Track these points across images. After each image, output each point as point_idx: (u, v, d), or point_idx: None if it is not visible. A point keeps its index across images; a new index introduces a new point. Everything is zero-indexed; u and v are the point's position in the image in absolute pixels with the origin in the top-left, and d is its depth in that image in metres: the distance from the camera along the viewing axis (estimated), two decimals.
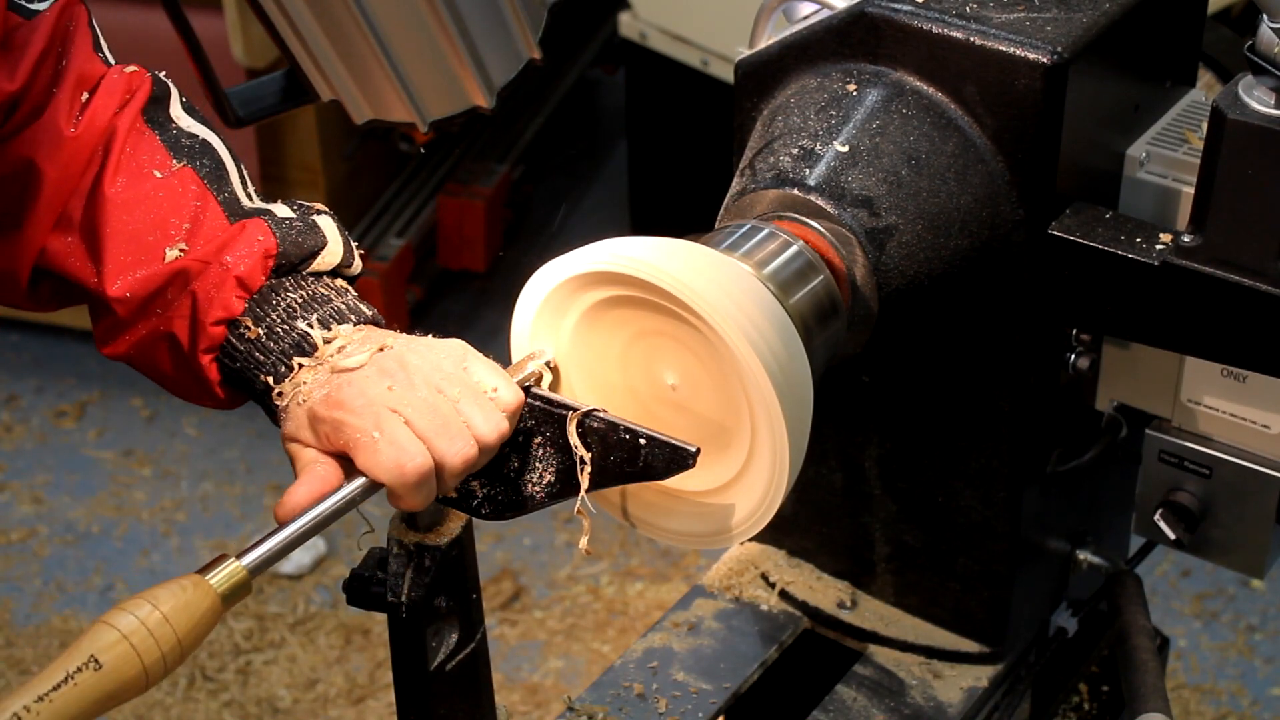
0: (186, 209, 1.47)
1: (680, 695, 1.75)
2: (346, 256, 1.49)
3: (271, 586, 3.54)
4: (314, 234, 1.47)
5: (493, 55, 1.20)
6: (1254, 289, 1.49)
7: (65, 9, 1.46)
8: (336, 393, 1.37)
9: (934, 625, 1.83)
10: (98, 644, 1.21)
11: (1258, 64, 1.44)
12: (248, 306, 1.44)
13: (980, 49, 1.52)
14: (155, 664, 1.22)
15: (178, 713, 3.28)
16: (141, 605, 1.23)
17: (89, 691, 1.19)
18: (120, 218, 1.46)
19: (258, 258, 1.44)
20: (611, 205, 4.54)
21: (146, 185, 1.47)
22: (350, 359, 1.40)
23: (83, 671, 1.19)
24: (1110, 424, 1.79)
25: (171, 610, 1.23)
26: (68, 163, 1.47)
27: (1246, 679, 3.28)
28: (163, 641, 1.22)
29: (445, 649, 1.44)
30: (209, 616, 1.26)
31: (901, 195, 1.53)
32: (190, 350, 1.45)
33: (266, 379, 1.42)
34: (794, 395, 1.38)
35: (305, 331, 1.43)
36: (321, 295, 1.46)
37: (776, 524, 1.47)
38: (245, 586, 1.29)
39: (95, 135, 1.48)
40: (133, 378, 4.35)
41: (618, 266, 1.38)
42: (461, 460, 1.35)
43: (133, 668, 1.21)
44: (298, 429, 1.39)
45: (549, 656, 3.36)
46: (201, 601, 1.25)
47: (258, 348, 1.43)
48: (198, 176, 1.48)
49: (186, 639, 1.24)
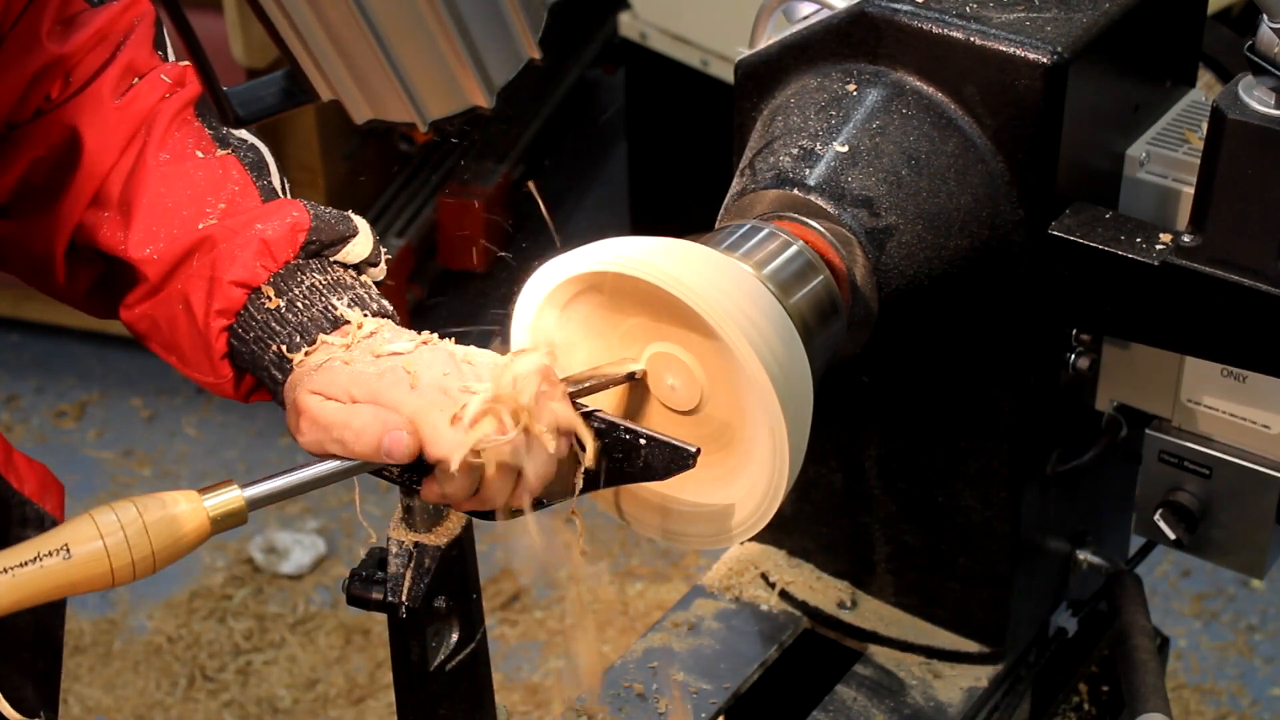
0: (224, 190, 1.47)
1: (680, 695, 1.75)
2: (374, 255, 1.49)
3: (271, 586, 3.54)
4: (345, 222, 1.48)
5: (493, 55, 1.20)
6: (1254, 289, 1.49)
7: (132, 4, 1.49)
8: (391, 373, 1.33)
9: (934, 625, 1.83)
10: (75, 535, 1.24)
11: (1258, 64, 1.44)
12: (271, 280, 1.43)
13: (980, 49, 1.52)
14: (123, 568, 1.24)
15: (178, 713, 3.28)
16: (128, 509, 1.25)
17: (51, 576, 1.23)
18: (158, 190, 1.47)
19: (288, 229, 1.44)
20: (611, 205, 4.54)
21: (188, 164, 1.48)
22: (395, 344, 1.37)
23: (52, 557, 1.23)
24: (1110, 424, 1.79)
25: (155, 521, 1.25)
26: (109, 134, 1.48)
27: (1246, 679, 3.28)
28: (136, 550, 1.25)
29: (445, 649, 1.44)
30: (193, 536, 1.27)
31: (901, 195, 1.53)
32: (204, 314, 1.44)
33: (279, 347, 1.40)
34: (794, 395, 1.38)
35: (332, 305, 1.41)
36: (347, 282, 1.45)
37: (776, 524, 1.47)
38: (239, 516, 1.29)
39: (139, 114, 1.49)
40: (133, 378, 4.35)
41: (618, 266, 1.38)
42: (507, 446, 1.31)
43: (100, 566, 1.24)
44: (330, 385, 1.34)
45: (549, 656, 3.36)
46: (189, 520, 1.27)
47: (275, 318, 1.41)
48: (240, 164, 1.49)
49: (161, 553, 1.26)
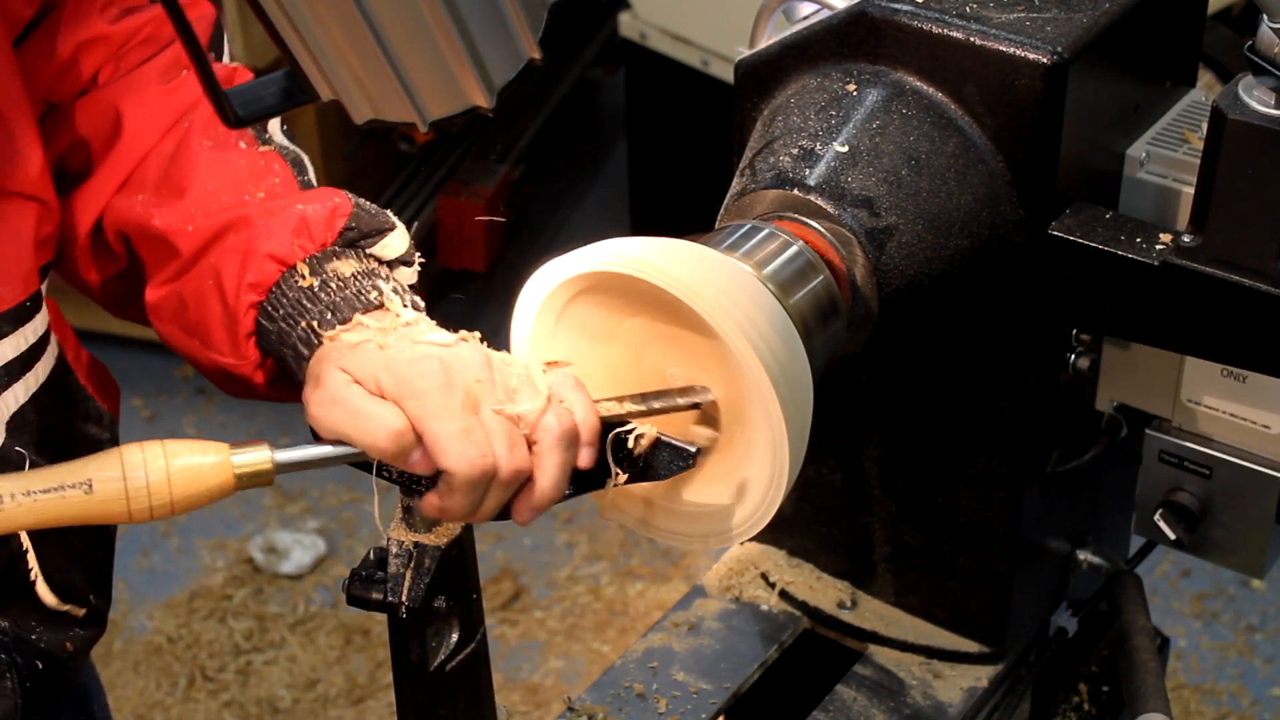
0: (266, 180, 1.47)
1: (680, 695, 1.75)
2: (408, 254, 1.48)
3: (271, 586, 3.54)
4: (384, 216, 1.47)
5: (493, 55, 1.20)
6: (1254, 289, 1.49)
7: (193, 4, 1.49)
8: (426, 362, 1.31)
9: (934, 625, 1.83)
10: (100, 471, 1.26)
11: (1258, 64, 1.44)
12: (307, 260, 1.41)
13: (980, 49, 1.52)
14: (141, 510, 1.27)
15: (178, 713, 3.29)
16: (156, 454, 1.27)
17: (71, 507, 1.26)
18: (200, 172, 1.47)
19: (328, 211, 1.43)
20: (611, 205, 4.54)
21: (231, 153, 1.48)
22: (434, 334, 1.35)
23: (74, 489, 1.25)
24: (1110, 424, 1.79)
25: (180, 469, 1.27)
26: (151, 116, 1.48)
27: (1246, 679, 3.28)
28: (155, 495, 1.26)
29: (445, 649, 1.44)
30: (216, 490, 1.28)
31: (901, 195, 1.53)
32: (235, 289, 1.42)
33: (310, 323, 1.38)
34: (794, 395, 1.38)
35: (375, 288, 1.39)
36: (383, 275, 1.43)
37: (776, 524, 1.47)
38: (265, 476, 1.30)
39: (184, 101, 1.50)
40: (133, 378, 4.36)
41: (618, 266, 1.38)
42: (513, 470, 1.31)
43: (118, 505, 1.26)
44: (359, 366, 1.32)
45: (549, 656, 3.36)
46: (215, 474, 1.28)
47: (308, 295, 1.39)
48: (283, 160, 1.49)
49: (180, 502, 1.27)
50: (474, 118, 1.24)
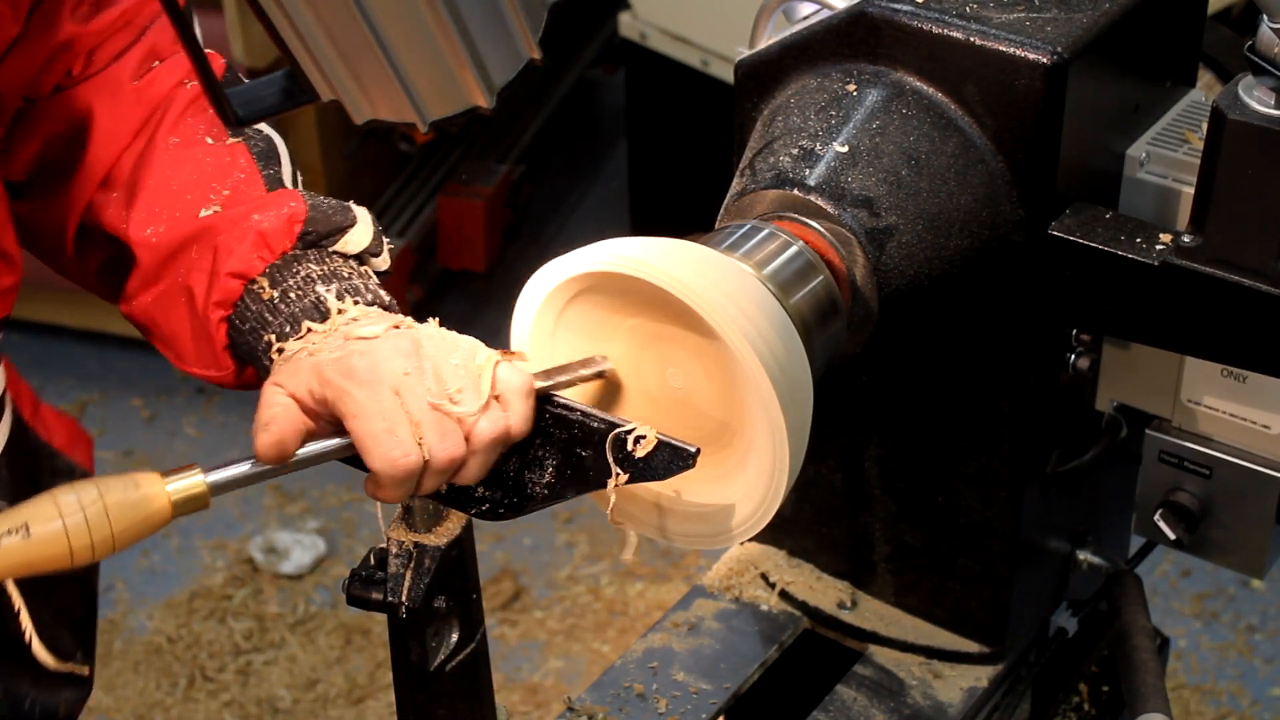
0: (230, 177, 1.48)
1: (680, 695, 1.75)
2: (374, 245, 1.49)
3: (271, 587, 3.54)
4: (344, 213, 1.48)
5: (493, 55, 1.20)
6: (1254, 289, 1.49)
7: None
8: (348, 360, 1.33)
9: (934, 625, 1.83)
10: (36, 514, 1.23)
11: (1258, 64, 1.44)
12: (267, 271, 1.43)
13: (980, 49, 1.52)
14: (82, 549, 1.24)
15: (178, 713, 3.29)
16: (89, 491, 1.25)
17: (10, 554, 1.23)
18: (164, 172, 1.48)
19: (284, 221, 1.44)
20: (611, 205, 4.54)
21: (197, 149, 1.49)
22: (365, 328, 1.37)
23: (11, 535, 1.23)
24: (1110, 424, 1.79)
25: (116, 504, 1.25)
26: (124, 115, 1.48)
27: (1246, 679, 3.28)
28: (96, 532, 1.24)
29: (445, 649, 1.44)
30: (154, 519, 1.27)
31: (901, 195, 1.53)
32: (204, 306, 1.44)
33: (270, 337, 1.40)
34: (794, 395, 1.38)
35: (321, 297, 1.41)
36: (343, 273, 1.45)
37: (776, 524, 1.47)
38: (200, 500, 1.29)
39: (155, 97, 1.50)
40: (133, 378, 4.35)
41: (618, 266, 1.38)
42: (446, 460, 1.32)
43: (59, 547, 1.24)
44: (291, 378, 1.34)
45: (549, 656, 3.36)
46: (151, 503, 1.27)
47: (269, 308, 1.41)
48: (249, 152, 1.49)
49: (121, 536, 1.25)
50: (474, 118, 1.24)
